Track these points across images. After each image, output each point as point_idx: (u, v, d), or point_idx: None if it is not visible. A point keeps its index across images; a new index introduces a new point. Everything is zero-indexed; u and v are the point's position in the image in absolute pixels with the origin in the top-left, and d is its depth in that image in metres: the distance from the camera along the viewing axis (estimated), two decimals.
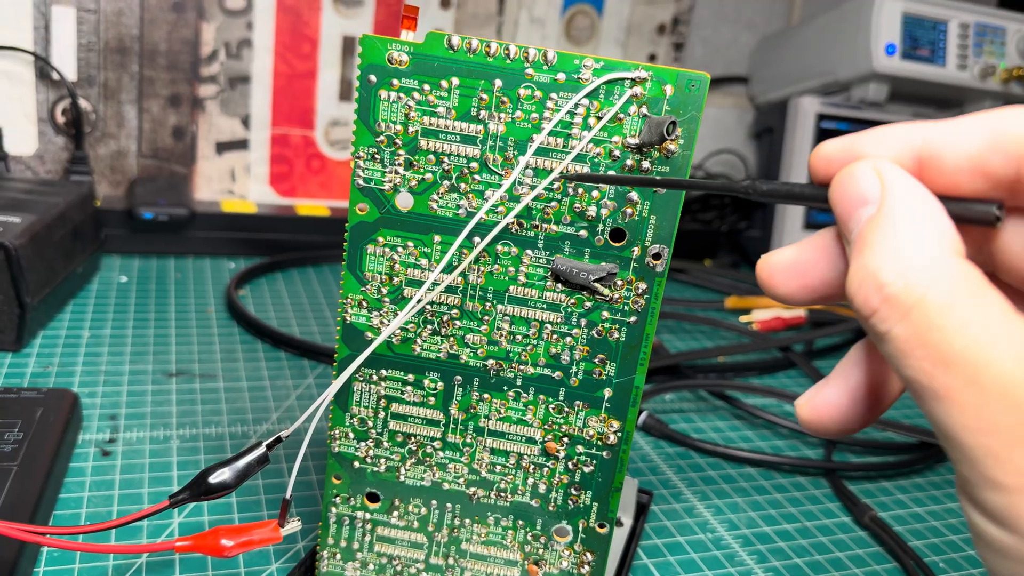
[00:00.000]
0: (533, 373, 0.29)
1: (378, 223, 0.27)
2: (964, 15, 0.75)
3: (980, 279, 0.16)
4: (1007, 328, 0.15)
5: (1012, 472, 0.15)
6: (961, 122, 0.17)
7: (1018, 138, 0.16)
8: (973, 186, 0.17)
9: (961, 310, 0.15)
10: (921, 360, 0.15)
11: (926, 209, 0.17)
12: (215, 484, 0.27)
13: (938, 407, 0.15)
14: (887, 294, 0.16)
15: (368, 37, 0.25)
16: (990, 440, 0.15)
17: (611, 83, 0.25)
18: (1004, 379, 0.14)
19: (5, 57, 0.63)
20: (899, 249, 0.16)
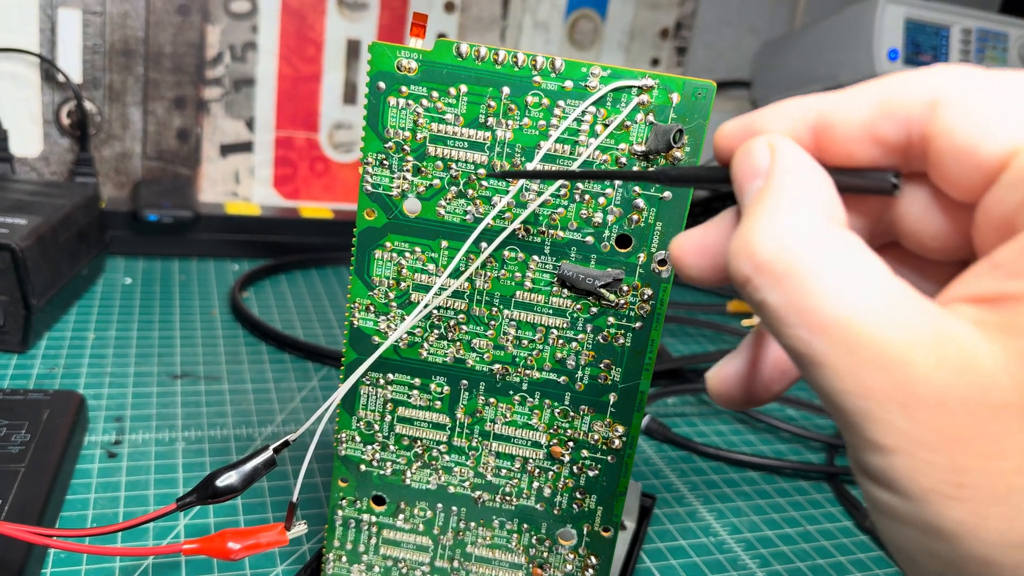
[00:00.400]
0: (539, 378, 0.29)
1: (386, 228, 0.27)
2: (966, 21, 0.75)
3: (856, 245, 0.16)
4: (880, 293, 0.15)
5: (888, 433, 0.15)
6: (852, 91, 0.18)
7: (905, 102, 0.16)
8: (867, 154, 0.17)
9: (833, 276, 0.15)
10: (796, 328, 0.15)
11: (807, 179, 0.17)
12: (222, 487, 0.27)
13: (816, 373, 0.15)
14: (758, 262, 0.16)
15: (378, 44, 0.25)
16: (866, 403, 0.15)
17: (618, 91, 0.25)
18: (875, 342, 0.15)
19: (11, 59, 0.63)
20: (773, 217, 0.16)
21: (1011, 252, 0.14)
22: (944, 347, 0.14)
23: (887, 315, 0.15)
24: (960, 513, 0.14)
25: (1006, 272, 0.14)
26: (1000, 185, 0.15)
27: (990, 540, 0.14)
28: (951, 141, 0.16)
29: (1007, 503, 0.14)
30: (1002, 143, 0.15)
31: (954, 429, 0.14)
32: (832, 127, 0.18)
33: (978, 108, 0.15)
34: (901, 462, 0.14)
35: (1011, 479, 0.14)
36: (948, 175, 0.16)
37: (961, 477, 0.14)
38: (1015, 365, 0.14)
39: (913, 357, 0.14)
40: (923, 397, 0.14)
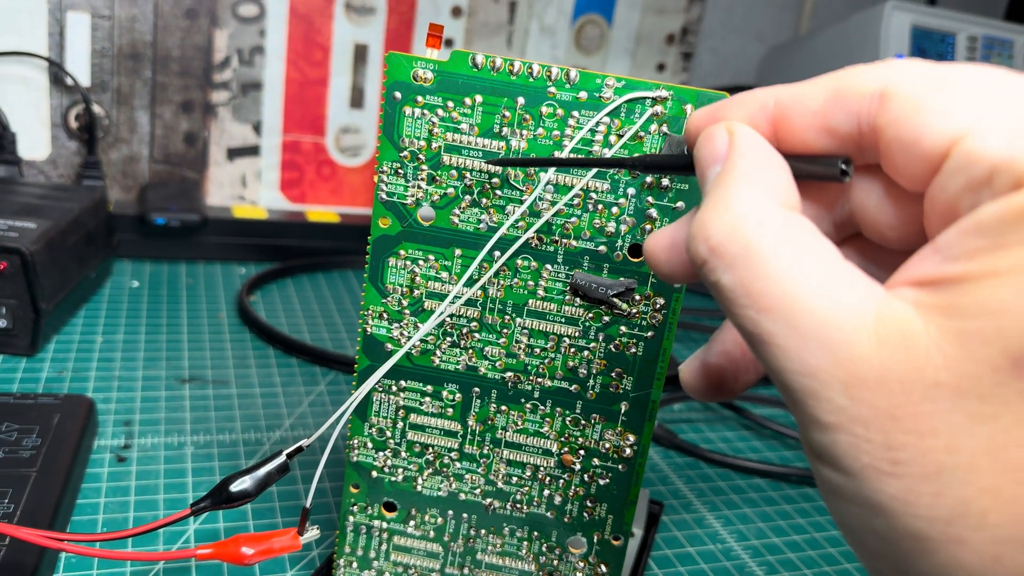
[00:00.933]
0: (550, 386, 0.29)
1: (400, 236, 0.28)
2: (972, 27, 0.76)
3: (806, 228, 0.16)
4: (826, 274, 0.15)
5: (830, 411, 0.15)
6: (808, 83, 0.18)
7: (856, 94, 0.17)
8: (821, 143, 0.18)
9: (782, 258, 0.16)
10: (746, 308, 0.16)
11: (761, 164, 0.17)
12: (236, 493, 0.27)
13: (764, 352, 0.16)
14: (713, 244, 0.17)
15: (394, 55, 0.25)
16: (809, 381, 0.15)
17: (632, 102, 0.25)
18: (819, 322, 0.15)
19: (20, 62, 0.63)
20: (727, 201, 0.17)
21: (950, 236, 0.15)
22: (885, 327, 0.15)
23: (831, 296, 0.15)
24: (895, 489, 0.15)
25: (945, 256, 0.15)
26: (943, 173, 0.15)
27: (921, 515, 0.14)
28: (897, 132, 0.16)
29: (937, 480, 0.14)
30: (944, 133, 0.15)
31: (891, 407, 0.14)
32: (788, 117, 0.18)
33: (922, 99, 0.16)
34: (842, 439, 0.15)
35: (941, 456, 0.14)
36: (897, 165, 0.17)
37: (896, 454, 0.14)
38: (949, 345, 0.14)
39: (855, 337, 0.15)
40: (863, 376, 0.15)
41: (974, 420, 0.14)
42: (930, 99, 0.16)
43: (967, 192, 0.15)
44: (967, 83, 0.15)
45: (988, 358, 0.14)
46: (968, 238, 0.14)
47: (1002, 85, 0.15)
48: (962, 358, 0.14)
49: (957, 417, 0.14)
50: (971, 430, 0.14)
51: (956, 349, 0.14)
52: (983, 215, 0.14)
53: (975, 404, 0.14)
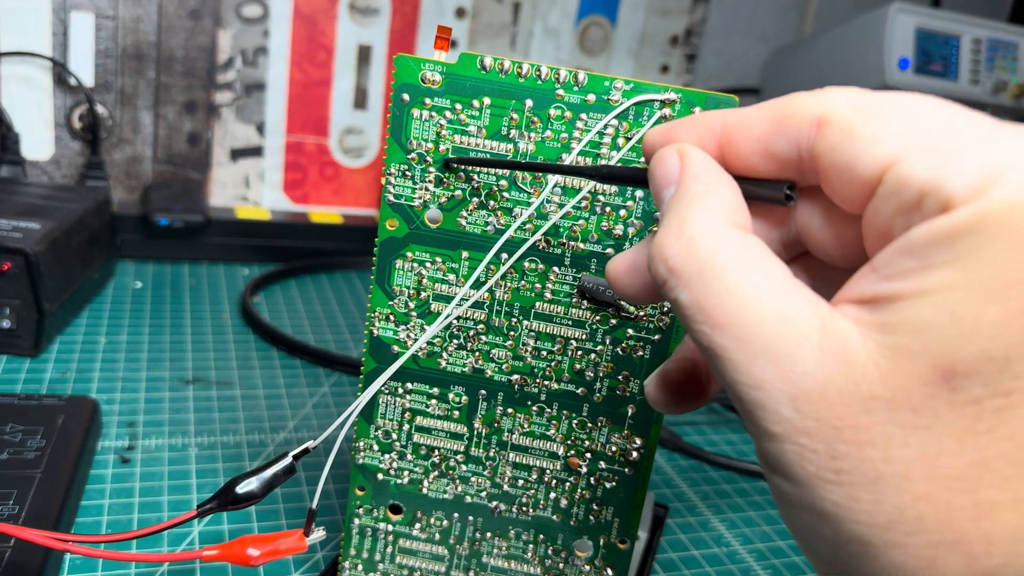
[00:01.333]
0: (557, 389, 0.29)
1: (407, 238, 0.28)
2: (977, 30, 0.75)
3: (757, 249, 0.17)
4: (774, 291, 0.16)
5: (776, 421, 0.16)
6: (753, 108, 0.19)
7: (796, 121, 0.18)
8: (765, 168, 0.19)
9: (734, 277, 0.17)
10: (701, 324, 0.17)
11: (713, 185, 0.18)
12: (242, 494, 0.27)
13: (718, 366, 0.17)
14: (671, 265, 0.17)
15: (402, 57, 0.25)
16: (758, 393, 0.16)
17: (640, 104, 0.25)
18: (767, 337, 0.16)
19: (23, 62, 0.63)
20: (683, 223, 0.18)
21: (885, 257, 0.16)
22: (827, 342, 0.16)
23: (779, 312, 0.16)
24: (837, 496, 0.15)
25: (880, 275, 0.16)
26: (877, 198, 0.16)
27: (862, 521, 0.15)
28: (833, 159, 0.17)
29: (875, 487, 0.15)
30: (876, 159, 0.16)
31: (832, 419, 0.15)
32: (734, 141, 0.19)
33: (855, 127, 0.16)
34: (789, 448, 0.16)
35: (879, 466, 0.15)
36: (835, 189, 0.17)
37: (838, 463, 0.15)
38: (884, 360, 0.15)
39: (799, 352, 0.16)
40: (806, 389, 0.15)
41: (907, 431, 0.15)
42: (863, 127, 0.16)
43: (899, 215, 0.16)
44: (898, 112, 0.16)
45: (918, 372, 0.15)
46: (899, 258, 0.15)
47: (930, 113, 0.16)
48: (895, 372, 0.15)
49: (892, 428, 0.15)
50: (905, 440, 0.15)
51: (890, 364, 0.15)
52: (912, 237, 0.15)
53: (908, 416, 0.15)
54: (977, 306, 0.14)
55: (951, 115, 0.16)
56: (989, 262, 0.14)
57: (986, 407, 0.14)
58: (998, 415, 0.14)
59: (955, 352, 0.14)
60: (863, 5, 0.94)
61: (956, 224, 0.14)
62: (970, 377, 0.14)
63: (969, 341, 0.14)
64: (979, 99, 0.76)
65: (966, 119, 0.16)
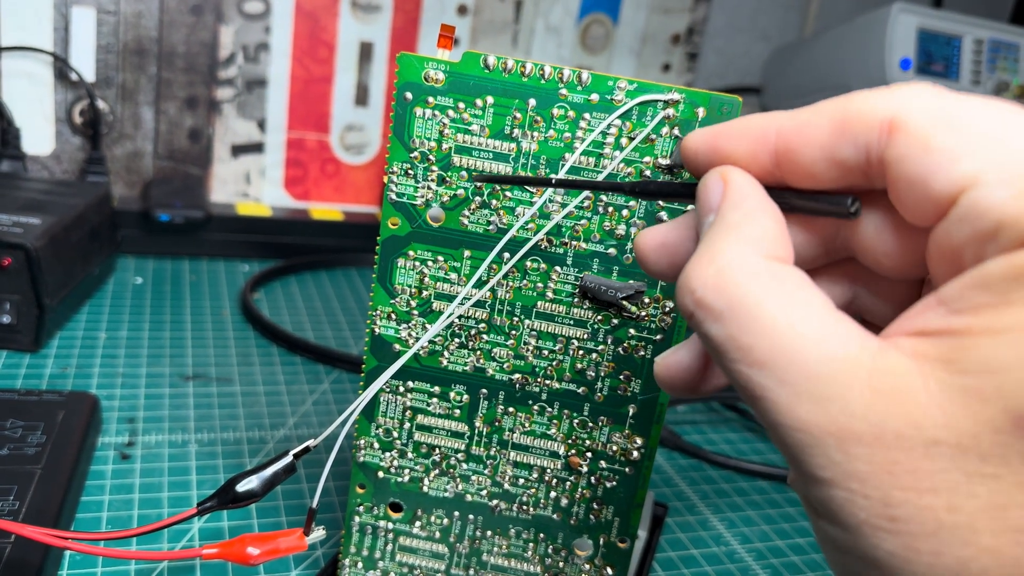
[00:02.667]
0: (558, 388, 0.29)
1: (409, 237, 0.27)
2: (978, 31, 0.75)
3: (796, 281, 0.16)
4: (816, 327, 0.15)
5: (824, 466, 0.15)
6: (812, 111, 0.17)
7: (863, 126, 0.16)
8: (828, 175, 0.17)
9: (771, 311, 0.16)
10: (736, 363, 0.16)
11: (751, 215, 0.17)
12: (242, 492, 0.27)
13: (757, 407, 0.16)
14: (697, 297, 0.17)
15: (406, 55, 0.25)
16: (803, 436, 0.15)
17: (644, 104, 0.25)
18: (810, 377, 0.15)
19: (25, 57, 0.63)
20: (714, 255, 0.17)
21: (955, 289, 0.15)
22: (880, 380, 0.14)
23: (822, 350, 0.15)
24: (892, 545, 0.14)
25: (950, 308, 0.15)
26: (949, 220, 0.15)
27: (920, 573, 0.14)
28: (905, 170, 0.16)
29: (936, 538, 0.14)
30: (953, 178, 0.15)
31: (887, 463, 0.14)
32: (793, 150, 0.18)
33: (931, 138, 0.15)
34: (838, 494, 0.15)
35: (941, 515, 0.14)
36: (903, 201, 0.16)
37: (894, 511, 0.14)
38: (948, 402, 0.14)
39: (847, 392, 0.15)
40: (857, 431, 0.14)
41: (974, 479, 0.14)
42: (939, 138, 0.15)
43: (972, 243, 0.15)
44: (977, 123, 0.15)
45: (989, 417, 0.14)
46: (973, 292, 0.14)
47: (1013, 127, 0.15)
48: (962, 416, 0.14)
49: (957, 476, 0.14)
50: (971, 489, 0.14)
51: (956, 406, 0.14)
52: (989, 270, 0.14)
53: (975, 463, 0.14)
54: None
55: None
56: None
57: None
58: None
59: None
60: (865, 5, 0.94)
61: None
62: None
63: None
64: None
65: None
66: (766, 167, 0.18)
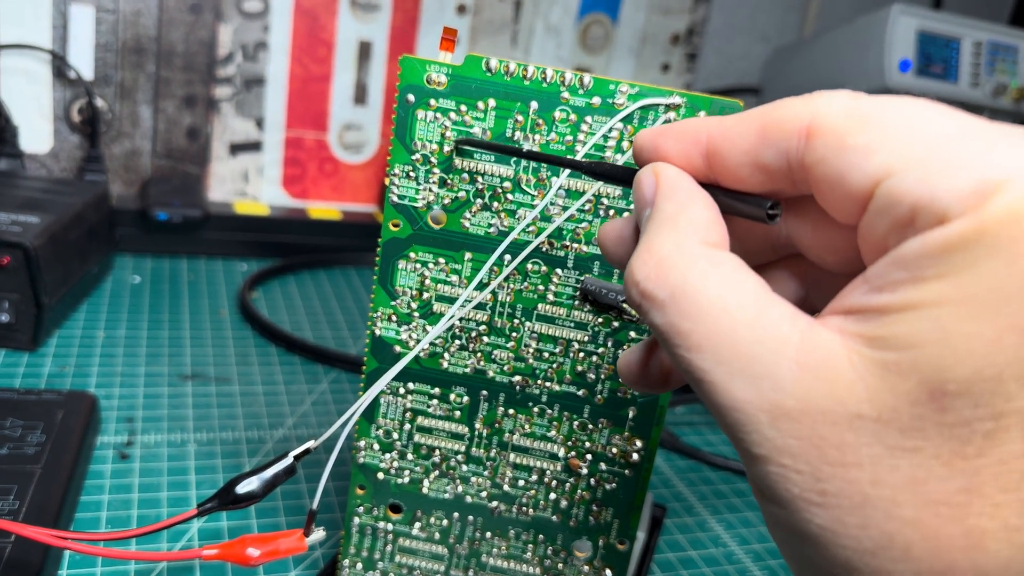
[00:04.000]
0: (558, 390, 0.29)
1: (410, 239, 0.28)
2: (978, 33, 0.76)
3: (731, 266, 0.17)
4: (750, 309, 0.16)
5: (759, 443, 0.15)
6: (739, 118, 0.18)
7: (783, 131, 0.17)
8: (754, 179, 0.18)
9: (706, 297, 0.16)
10: (678, 348, 0.16)
11: (684, 205, 0.18)
12: (243, 494, 0.27)
13: (700, 390, 0.16)
14: (641, 289, 0.17)
15: (408, 58, 0.25)
16: (739, 415, 0.15)
17: (645, 108, 0.25)
18: (743, 356, 0.15)
19: (23, 55, 0.63)
20: (651, 246, 0.17)
21: (879, 268, 0.15)
22: (807, 357, 0.15)
23: (754, 329, 0.15)
24: (823, 519, 0.15)
25: (871, 286, 0.15)
26: (870, 213, 0.15)
27: (848, 546, 0.15)
28: (824, 171, 0.16)
29: (862, 511, 0.14)
30: (868, 173, 0.15)
31: (815, 438, 0.15)
32: (720, 154, 0.18)
33: (844, 138, 0.16)
34: (772, 471, 0.15)
35: (866, 488, 0.14)
36: (827, 202, 0.17)
37: (823, 485, 0.15)
38: (870, 376, 0.14)
39: (776, 369, 0.15)
40: (787, 408, 0.15)
41: (895, 453, 0.14)
42: (853, 137, 0.16)
43: (894, 232, 0.15)
44: (890, 119, 0.15)
45: (907, 390, 0.14)
46: (891, 270, 0.15)
47: (923, 120, 0.15)
48: (883, 390, 0.14)
49: (879, 449, 0.14)
50: (893, 463, 0.14)
51: (877, 381, 0.14)
52: (906, 249, 0.14)
53: (896, 437, 0.14)
54: (970, 322, 0.14)
55: (947, 122, 0.15)
56: (983, 276, 0.14)
57: (976, 430, 0.14)
58: (988, 438, 0.14)
59: (946, 371, 0.14)
60: (864, 6, 0.94)
61: (950, 237, 0.14)
62: (960, 397, 0.14)
63: (960, 359, 0.14)
64: (979, 102, 0.76)
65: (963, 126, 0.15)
66: (700, 168, 0.19)
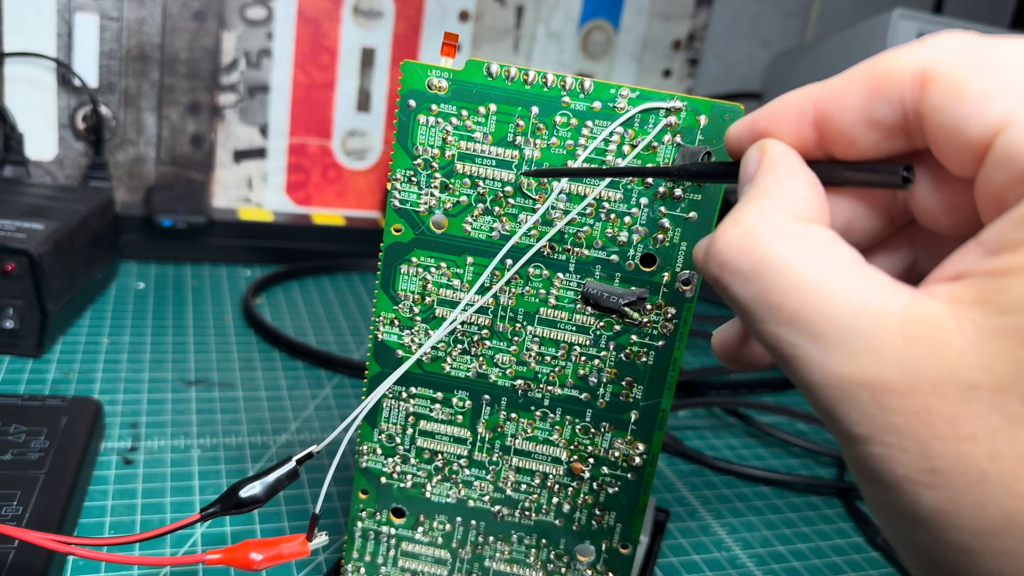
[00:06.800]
0: (560, 394, 0.29)
1: (412, 244, 0.28)
2: None
3: (823, 237, 0.16)
4: (846, 281, 0.15)
5: (860, 422, 0.14)
6: (843, 78, 0.17)
7: (896, 81, 0.16)
8: (869, 138, 0.17)
9: (798, 269, 0.15)
10: (765, 323, 0.16)
11: (783, 180, 0.17)
12: (246, 498, 0.27)
13: (790, 368, 0.15)
14: (721, 260, 0.16)
15: (409, 63, 0.26)
16: (836, 392, 0.15)
17: (646, 112, 0.26)
18: (840, 329, 0.14)
19: (28, 63, 0.63)
20: (739, 218, 0.17)
21: (993, 230, 0.14)
22: (912, 328, 0.14)
23: (851, 301, 0.15)
24: (935, 500, 0.14)
25: (987, 249, 0.14)
26: (987, 164, 0.15)
27: (965, 527, 0.14)
28: (941, 120, 0.15)
29: (980, 489, 0.13)
30: (985, 122, 0.14)
31: (923, 412, 0.14)
32: (830, 118, 0.17)
33: (962, 84, 0.15)
34: (875, 451, 0.14)
35: (982, 463, 0.13)
36: (943, 153, 0.16)
37: (933, 463, 0.14)
38: (984, 344, 0.13)
39: (877, 342, 0.14)
40: (890, 381, 0.14)
41: (1015, 423, 0.13)
42: (970, 83, 0.15)
43: (1013, 185, 0.14)
44: (1008, 63, 0.14)
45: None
46: (1010, 230, 0.14)
47: None
48: (1000, 357, 0.13)
49: (997, 420, 0.13)
50: (1013, 434, 0.13)
51: (993, 348, 0.13)
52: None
53: (1016, 406, 0.13)
54: None
55: None
56: None
57: None
58: None
59: None
60: (865, 11, 0.94)
61: None
62: None
63: None
64: None
65: None
66: (811, 140, 0.18)
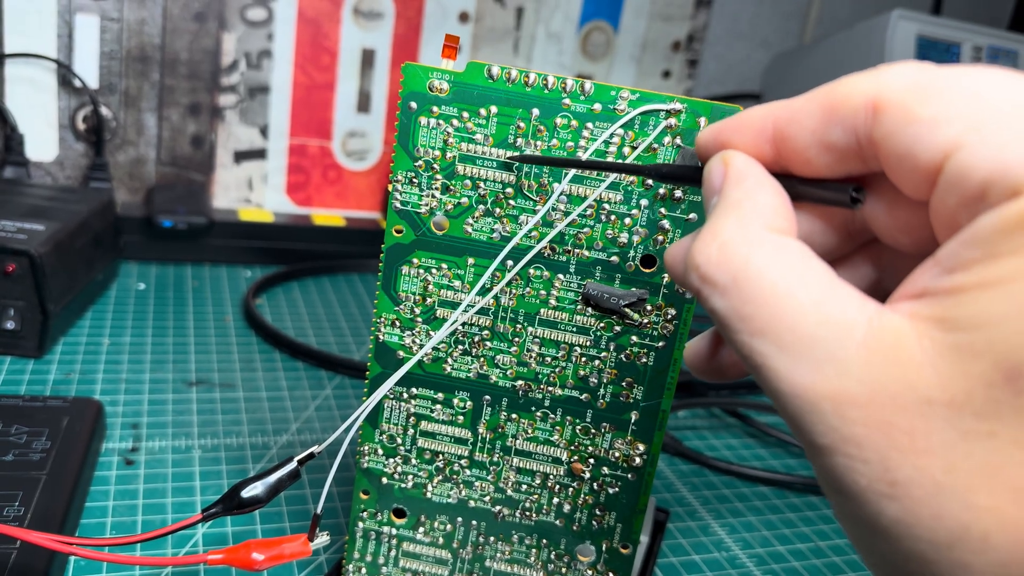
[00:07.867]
0: (561, 394, 0.29)
1: (413, 245, 0.28)
2: (977, 37, 0.76)
3: (796, 251, 0.16)
4: (815, 294, 0.15)
5: (823, 432, 0.15)
6: (803, 100, 0.18)
7: (850, 108, 0.16)
8: (823, 160, 0.17)
9: (770, 281, 0.16)
10: (739, 333, 0.16)
11: (751, 190, 0.17)
12: (247, 498, 0.27)
13: (760, 377, 0.16)
14: (702, 273, 0.17)
15: (410, 65, 0.26)
16: (801, 403, 0.15)
17: (646, 114, 0.26)
18: (806, 340, 0.15)
19: (28, 64, 0.63)
20: (715, 230, 0.17)
21: (950, 248, 0.14)
22: (875, 341, 0.14)
23: (819, 314, 0.15)
24: (894, 511, 0.14)
25: (943, 268, 0.14)
26: (939, 188, 0.15)
27: (924, 538, 0.14)
28: (893, 146, 0.16)
29: (936, 501, 0.14)
30: (937, 145, 0.15)
31: (883, 425, 0.14)
32: (788, 137, 0.18)
33: (913, 111, 0.15)
34: (838, 462, 0.15)
35: (938, 476, 0.14)
36: (898, 178, 0.16)
37: (893, 475, 0.14)
38: (941, 360, 0.14)
39: (842, 354, 0.14)
40: (852, 393, 0.14)
41: (969, 438, 0.13)
42: (920, 109, 0.15)
43: (965, 207, 0.14)
44: (956, 89, 0.15)
45: (981, 372, 0.13)
46: (963, 249, 0.14)
47: (993, 88, 0.15)
48: (955, 373, 0.14)
49: (952, 435, 0.14)
50: (967, 448, 0.13)
51: (949, 364, 0.14)
52: (978, 226, 0.14)
53: (970, 421, 0.13)
54: None
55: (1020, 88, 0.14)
56: None
57: None
58: None
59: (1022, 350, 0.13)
60: (864, 12, 0.95)
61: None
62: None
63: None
64: None
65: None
66: (769, 155, 0.18)
